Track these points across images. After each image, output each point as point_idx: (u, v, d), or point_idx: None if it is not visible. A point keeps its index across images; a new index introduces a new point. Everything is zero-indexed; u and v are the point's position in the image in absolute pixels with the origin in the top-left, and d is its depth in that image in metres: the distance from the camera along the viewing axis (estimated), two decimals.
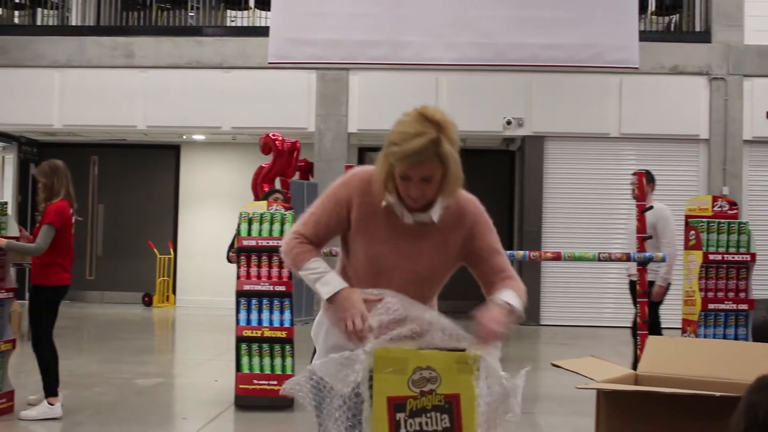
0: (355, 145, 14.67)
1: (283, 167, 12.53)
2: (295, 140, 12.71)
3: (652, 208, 7.49)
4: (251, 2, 14.75)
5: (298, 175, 13.39)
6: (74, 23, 15.09)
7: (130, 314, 14.08)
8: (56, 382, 6.23)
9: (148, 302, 15.28)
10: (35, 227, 6.42)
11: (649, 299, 6.97)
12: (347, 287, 2.67)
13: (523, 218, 13.58)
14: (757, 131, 13.22)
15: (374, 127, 12.79)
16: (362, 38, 10.94)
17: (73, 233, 6.44)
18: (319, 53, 11.11)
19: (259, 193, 11.80)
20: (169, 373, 8.83)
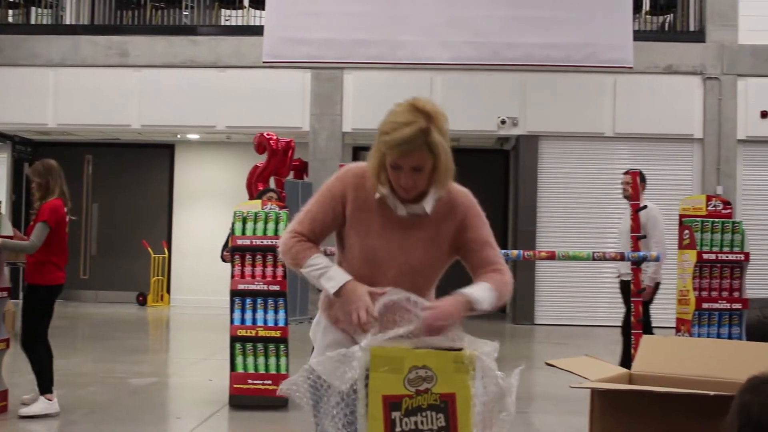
0: (349, 144, 14.66)
1: (277, 166, 12.52)
2: (289, 139, 12.70)
3: (646, 207, 7.51)
4: (245, 1, 14.75)
5: (292, 174, 13.39)
6: (68, 22, 15.06)
7: (124, 313, 14.07)
8: (51, 381, 6.22)
9: (142, 301, 15.27)
10: (29, 226, 6.41)
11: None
12: (352, 280, 2.68)
13: (517, 217, 13.59)
14: (751, 131, 13.25)
15: (369, 126, 12.65)
16: (357, 37, 10.93)
17: (67, 232, 6.44)
18: (313, 52, 11.10)
19: (253, 192, 11.79)
20: (163, 372, 8.82)
